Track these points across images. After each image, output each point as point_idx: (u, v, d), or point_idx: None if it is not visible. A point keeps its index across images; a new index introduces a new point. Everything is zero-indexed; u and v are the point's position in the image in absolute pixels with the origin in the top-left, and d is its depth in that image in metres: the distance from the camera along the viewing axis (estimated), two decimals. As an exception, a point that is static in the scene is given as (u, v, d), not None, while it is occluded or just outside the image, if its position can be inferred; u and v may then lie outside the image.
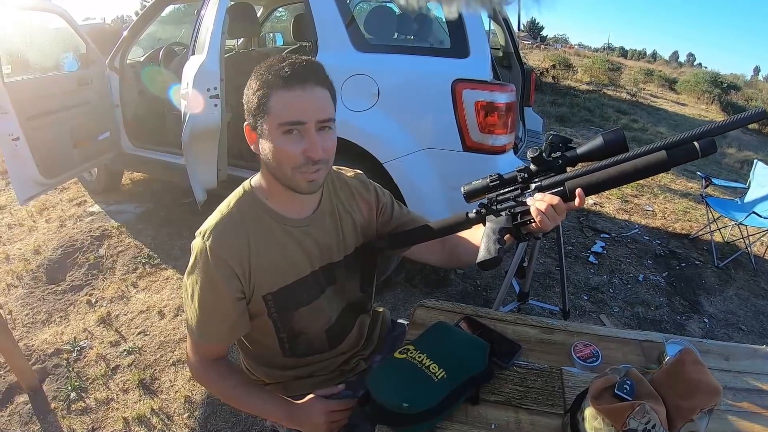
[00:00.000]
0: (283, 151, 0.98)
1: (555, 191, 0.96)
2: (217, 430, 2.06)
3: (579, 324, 1.33)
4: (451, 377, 0.97)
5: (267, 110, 0.97)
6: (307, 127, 0.97)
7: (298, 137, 0.97)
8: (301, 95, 0.96)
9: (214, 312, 1.05)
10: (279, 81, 0.95)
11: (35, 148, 2.80)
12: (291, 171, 0.99)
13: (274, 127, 0.97)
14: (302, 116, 0.96)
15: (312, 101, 0.97)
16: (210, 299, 1.04)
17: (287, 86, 0.95)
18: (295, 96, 0.95)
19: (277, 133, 0.97)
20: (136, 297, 2.92)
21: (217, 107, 2.68)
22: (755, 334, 2.95)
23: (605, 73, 15.07)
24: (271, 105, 0.96)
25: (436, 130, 2.45)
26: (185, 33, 5.26)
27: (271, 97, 0.96)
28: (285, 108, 0.96)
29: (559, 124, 8.23)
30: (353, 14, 2.66)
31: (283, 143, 0.97)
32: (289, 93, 0.95)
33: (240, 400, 1.13)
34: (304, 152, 0.97)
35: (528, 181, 1.02)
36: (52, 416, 2.12)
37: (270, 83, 0.96)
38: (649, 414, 0.80)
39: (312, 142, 0.97)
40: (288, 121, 0.96)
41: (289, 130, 0.96)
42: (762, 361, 1.20)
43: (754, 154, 7.67)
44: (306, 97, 0.96)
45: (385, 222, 1.28)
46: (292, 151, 0.97)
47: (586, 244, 3.80)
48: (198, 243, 1.04)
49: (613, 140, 0.91)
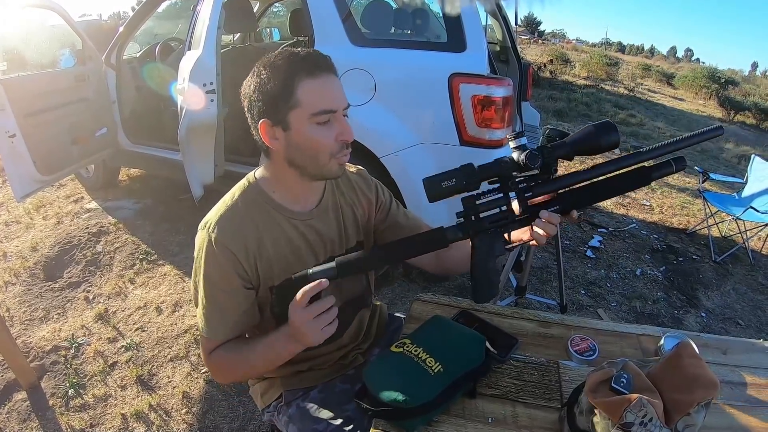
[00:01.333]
0: (318, 140, 0.98)
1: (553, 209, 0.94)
2: (215, 425, 2.06)
3: (576, 318, 1.33)
4: (447, 371, 0.97)
5: (295, 102, 0.96)
6: (338, 114, 0.99)
7: (329, 125, 0.98)
8: (327, 82, 0.97)
9: (225, 303, 1.04)
10: (305, 70, 0.95)
11: (32, 145, 2.79)
12: (328, 158, 1.00)
13: (305, 117, 0.96)
14: (333, 104, 0.98)
15: (337, 88, 1.00)
16: (219, 291, 1.03)
17: (313, 75, 0.95)
18: (323, 83, 0.97)
19: (310, 123, 0.97)
20: (133, 293, 2.91)
21: (213, 102, 2.68)
22: (753, 328, 2.96)
23: (603, 68, 15.07)
24: (300, 96, 0.95)
25: (432, 125, 2.44)
26: (181, 28, 5.24)
27: (298, 88, 0.95)
28: (316, 96, 0.96)
29: (556, 119, 8.23)
30: (350, 9, 2.65)
31: (318, 133, 0.98)
32: (316, 81, 0.96)
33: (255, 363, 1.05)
34: (337, 137, 0.99)
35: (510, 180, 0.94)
36: (50, 413, 2.12)
37: (293, 74, 0.95)
38: (646, 407, 0.80)
39: (345, 126, 1.00)
40: (322, 110, 0.96)
41: (322, 120, 0.97)
42: (759, 354, 1.20)
43: (752, 149, 7.68)
44: (332, 85, 0.98)
45: (381, 220, 1.28)
46: (327, 139, 0.98)
47: (584, 239, 3.80)
48: (202, 236, 1.03)
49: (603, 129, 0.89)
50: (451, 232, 0.96)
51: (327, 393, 1.22)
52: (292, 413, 1.20)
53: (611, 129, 0.89)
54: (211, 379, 2.26)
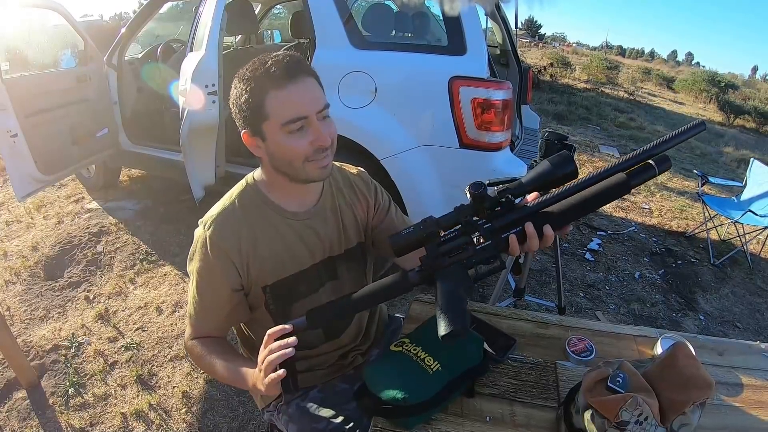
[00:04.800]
0: (291, 148, 0.98)
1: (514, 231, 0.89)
2: (214, 424, 2.07)
3: (573, 319, 1.34)
4: (446, 370, 0.98)
5: (265, 114, 0.97)
6: (310, 119, 0.98)
7: (302, 132, 0.98)
8: (294, 90, 0.96)
9: (211, 302, 1.08)
10: (270, 82, 0.95)
11: (33, 145, 2.80)
12: (302, 164, 1.00)
13: (277, 128, 0.97)
14: (303, 111, 0.97)
15: (306, 93, 0.98)
16: (207, 289, 1.07)
17: (279, 85, 0.95)
18: (290, 92, 0.96)
19: (282, 133, 0.98)
20: (134, 293, 2.92)
21: (215, 104, 2.69)
22: (751, 331, 2.97)
23: (603, 72, 15.09)
24: (268, 108, 0.96)
25: (433, 127, 2.45)
26: (183, 30, 5.25)
27: (266, 100, 0.96)
28: (284, 107, 0.96)
29: (556, 122, 8.24)
30: (351, 12, 2.66)
31: (290, 141, 0.98)
32: (282, 91, 0.95)
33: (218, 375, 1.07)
34: (311, 144, 0.99)
35: (471, 225, 0.91)
36: (50, 412, 2.13)
37: (261, 86, 0.96)
38: (642, 406, 0.81)
39: (317, 132, 0.99)
40: (290, 119, 0.96)
41: (293, 128, 0.97)
42: (756, 356, 1.21)
43: (751, 153, 7.69)
44: (300, 91, 0.97)
45: (378, 222, 1.28)
46: (300, 147, 0.98)
47: (583, 242, 3.81)
48: (199, 232, 1.06)
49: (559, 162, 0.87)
50: (413, 276, 0.94)
51: (327, 392, 1.23)
52: (292, 413, 1.21)
53: (567, 161, 0.87)
54: (211, 379, 2.26)
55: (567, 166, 0.87)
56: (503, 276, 2.14)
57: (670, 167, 0.85)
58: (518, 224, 0.89)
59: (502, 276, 2.14)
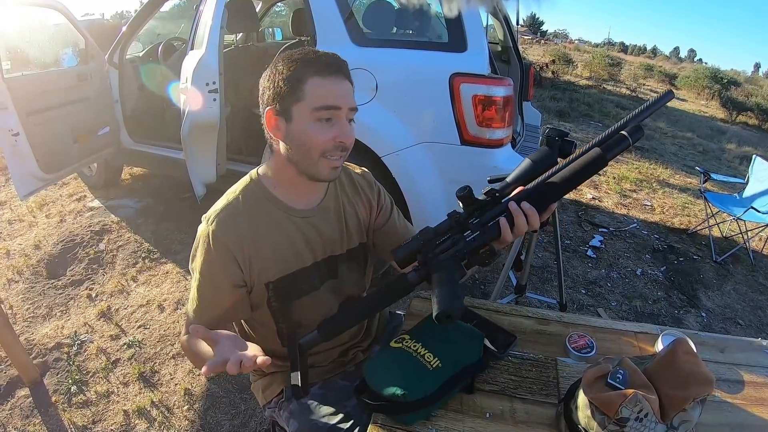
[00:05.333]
0: (314, 136, 1.00)
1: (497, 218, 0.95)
2: (216, 422, 2.08)
3: (574, 315, 1.33)
4: (445, 366, 0.98)
5: (301, 95, 0.99)
6: (341, 113, 1.01)
7: (329, 124, 1.00)
8: (336, 82, 1.00)
9: (211, 297, 1.07)
10: (315, 68, 0.98)
11: (35, 144, 2.81)
12: (318, 156, 1.01)
13: (308, 111, 0.99)
14: (338, 101, 1.00)
15: (346, 89, 1.02)
16: (208, 284, 1.06)
17: (323, 73, 0.99)
18: (331, 83, 0.99)
19: (311, 118, 0.99)
20: (136, 291, 2.93)
21: (216, 102, 2.69)
22: (753, 328, 2.96)
23: (605, 69, 15.07)
24: (306, 90, 0.98)
25: (433, 124, 2.45)
26: (184, 28, 5.26)
27: (307, 82, 0.98)
28: (321, 93, 0.99)
29: (558, 119, 8.22)
30: (352, 9, 2.66)
31: (316, 128, 1.00)
32: (325, 80, 0.99)
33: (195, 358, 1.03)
34: (335, 138, 1.00)
35: (463, 225, 0.97)
36: (53, 410, 2.14)
37: (305, 69, 0.99)
38: (642, 403, 0.81)
39: (344, 128, 1.02)
40: (325, 105, 0.99)
41: (323, 116, 0.99)
42: (757, 353, 1.21)
43: (754, 150, 7.67)
44: (340, 85, 1.01)
45: (379, 226, 1.29)
46: (324, 137, 1.00)
47: (585, 239, 3.80)
48: (202, 227, 1.06)
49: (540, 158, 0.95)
50: (412, 276, 0.98)
51: (328, 389, 1.23)
52: (293, 409, 1.21)
53: (548, 157, 0.95)
54: (213, 377, 2.27)
55: (548, 161, 0.95)
56: (504, 273, 2.13)
57: (642, 135, 0.90)
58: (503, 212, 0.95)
59: (504, 273, 2.13)
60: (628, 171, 5.53)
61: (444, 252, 0.96)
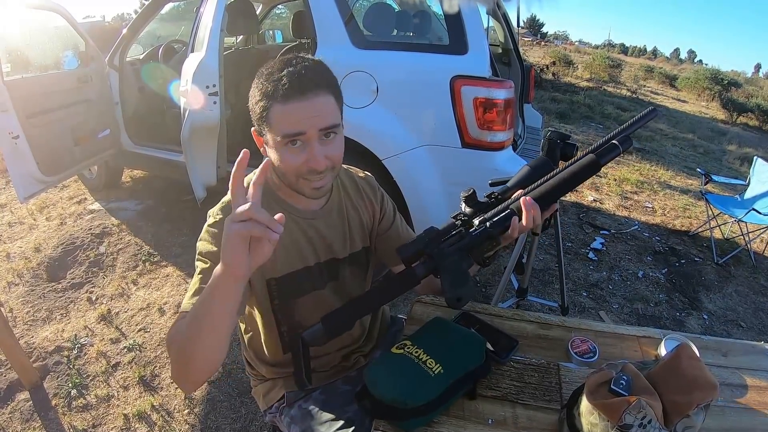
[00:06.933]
0: (286, 162, 0.99)
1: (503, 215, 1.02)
2: (217, 426, 2.07)
3: (576, 319, 1.33)
4: (447, 372, 0.97)
5: (269, 121, 0.97)
6: (308, 136, 0.96)
7: (300, 148, 0.97)
8: (299, 107, 0.94)
9: None
10: (277, 93, 0.94)
11: (35, 146, 2.80)
12: (295, 179, 1.01)
13: (276, 138, 0.97)
14: (301, 127, 0.95)
15: (312, 110, 0.95)
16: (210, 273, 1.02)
17: (284, 99, 0.94)
18: (293, 108, 0.94)
19: (279, 144, 0.98)
20: (136, 294, 2.92)
21: (216, 104, 2.69)
22: (755, 330, 2.95)
23: (606, 70, 15.06)
24: (271, 117, 0.96)
25: (434, 127, 2.45)
26: (184, 30, 5.25)
27: (271, 110, 0.96)
28: (284, 121, 0.95)
29: (559, 121, 8.22)
30: (352, 11, 2.66)
31: (285, 154, 0.98)
32: (286, 106, 0.94)
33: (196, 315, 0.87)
34: (306, 163, 0.98)
35: (467, 224, 1.03)
36: (52, 413, 2.13)
37: (269, 95, 0.95)
38: (645, 409, 0.80)
39: (313, 153, 0.97)
40: (287, 134, 0.96)
41: (290, 141, 0.97)
42: (760, 357, 1.20)
43: (755, 151, 7.66)
44: (305, 108, 0.95)
45: (382, 231, 1.28)
46: (294, 162, 0.98)
47: (586, 241, 3.80)
48: (209, 219, 1.06)
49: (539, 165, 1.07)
50: (419, 268, 1.01)
51: (329, 394, 1.23)
52: (294, 414, 1.21)
53: (545, 165, 1.07)
54: (214, 381, 2.27)
55: (546, 168, 1.06)
56: (506, 276, 2.13)
57: (631, 145, 1.03)
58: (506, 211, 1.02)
59: (505, 276, 2.13)
60: (629, 173, 5.53)
61: (450, 246, 1.00)
